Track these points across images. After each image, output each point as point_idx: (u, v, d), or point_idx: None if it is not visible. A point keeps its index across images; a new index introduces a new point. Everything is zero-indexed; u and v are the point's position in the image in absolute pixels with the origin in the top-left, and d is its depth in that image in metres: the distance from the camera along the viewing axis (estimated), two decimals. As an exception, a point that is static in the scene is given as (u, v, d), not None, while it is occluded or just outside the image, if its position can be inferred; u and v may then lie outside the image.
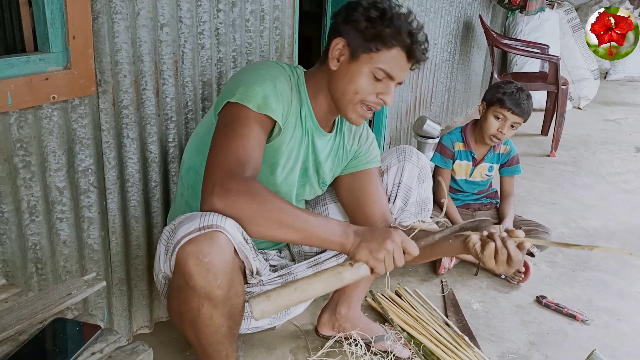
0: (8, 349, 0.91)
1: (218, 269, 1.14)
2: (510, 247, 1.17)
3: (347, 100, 1.34)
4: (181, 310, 1.21)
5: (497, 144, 2.38)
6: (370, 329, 1.79)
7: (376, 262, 1.15)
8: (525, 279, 2.24)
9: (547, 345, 1.87)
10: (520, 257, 1.19)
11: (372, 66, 1.30)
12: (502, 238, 1.19)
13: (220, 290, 1.16)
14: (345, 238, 1.17)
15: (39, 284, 1.41)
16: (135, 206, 1.61)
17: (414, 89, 3.62)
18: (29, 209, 1.35)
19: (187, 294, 1.17)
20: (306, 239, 1.17)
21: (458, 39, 4.31)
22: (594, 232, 2.79)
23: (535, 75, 4.54)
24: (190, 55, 1.64)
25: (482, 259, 1.20)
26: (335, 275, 1.16)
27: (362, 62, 1.30)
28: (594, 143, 4.40)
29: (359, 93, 1.32)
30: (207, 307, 1.18)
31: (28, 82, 1.26)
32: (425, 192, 1.68)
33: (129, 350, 0.94)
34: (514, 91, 2.27)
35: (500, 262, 1.18)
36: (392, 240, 1.16)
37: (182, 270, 1.13)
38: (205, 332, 1.23)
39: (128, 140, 1.54)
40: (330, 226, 1.18)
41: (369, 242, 1.15)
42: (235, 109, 1.25)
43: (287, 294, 1.14)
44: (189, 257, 1.12)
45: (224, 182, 1.14)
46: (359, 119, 1.37)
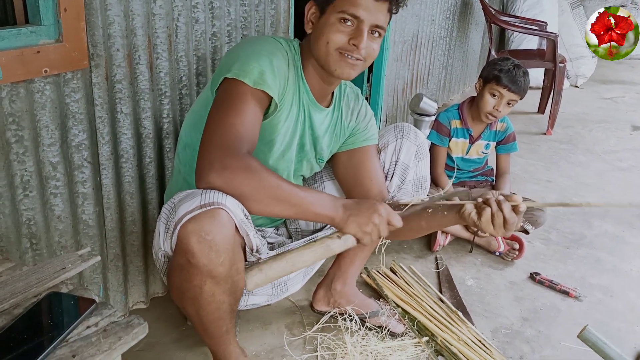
0: (3, 323, 0.92)
1: (220, 247, 1.14)
2: (505, 209, 1.21)
3: (323, 54, 1.29)
4: (183, 288, 1.21)
5: (493, 121, 2.37)
6: (365, 304, 1.80)
7: (363, 235, 1.23)
8: (520, 256, 2.25)
9: (540, 321, 1.89)
10: (515, 219, 1.22)
11: (336, 14, 1.26)
12: (497, 201, 1.22)
13: (222, 267, 1.16)
14: (335, 212, 1.23)
15: (34, 259, 1.41)
16: (129, 182, 1.60)
17: (411, 66, 3.59)
18: (22, 184, 1.34)
19: (189, 272, 1.17)
20: (300, 214, 1.21)
21: (456, 15, 4.27)
22: (588, 210, 2.79)
23: (533, 53, 4.51)
24: (184, 29, 1.62)
25: (480, 225, 1.24)
26: (324, 247, 1.24)
27: (328, 13, 1.28)
28: (590, 121, 4.40)
29: (329, 42, 1.27)
30: (209, 285, 1.19)
31: (19, 55, 1.24)
32: (422, 170, 1.67)
33: (124, 323, 0.94)
34: (511, 68, 2.25)
35: (498, 225, 1.22)
36: (379, 214, 1.23)
37: (184, 248, 1.13)
38: (207, 309, 1.24)
39: (122, 116, 1.52)
40: (322, 200, 1.23)
41: (357, 216, 1.22)
42: (231, 84, 1.23)
43: (279, 265, 1.20)
44: (191, 235, 1.11)
45: (222, 159, 1.13)
46: (344, 69, 1.30)
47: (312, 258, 1.24)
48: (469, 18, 4.60)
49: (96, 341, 0.89)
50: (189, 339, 1.68)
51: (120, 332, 0.92)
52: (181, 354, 1.62)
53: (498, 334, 1.81)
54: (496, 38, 5.45)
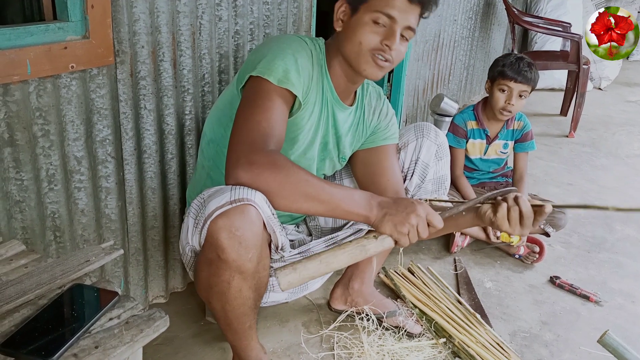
0: (28, 313, 0.93)
1: (250, 243, 1.14)
2: (521, 204, 1.18)
3: (354, 54, 1.30)
4: (210, 282, 1.22)
5: (509, 117, 2.35)
6: (382, 304, 1.80)
7: (400, 236, 1.17)
8: (540, 259, 2.23)
9: (559, 325, 1.87)
10: (531, 214, 1.18)
11: (370, 13, 1.26)
12: (514, 197, 1.20)
13: (250, 263, 1.17)
14: (369, 210, 1.18)
15: (57, 252, 1.43)
16: (152, 177, 1.62)
17: (432, 66, 3.57)
18: (47, 178, 1.36)
19: (218, 267, 1.18)
20: (331, 211, 1.17)
21: (478, 15, 4.23)
22: (610, 214, 2.76)
23: (557, 54, 4.45)
24: (207, 27, 1.63)
25: (496, 222, 1.21)
26: (360, 248, 1.18)
27: (362, 12, 1.28)
28: (613, 124, 4.33)
29: (362, 42, 1.28)
30: (237, 280, 1.20)
31: (47, 51, 1.26)
32: (442, 169, 1.67)
33: (146, 316, 0.95)
34: (513, 61, 2.26)
35: (514, 220, 1.19)
36: (417, 214, 1.16)
37: (214, 244, 1.14)
38: (233, 304, 1.25)
39: (145, 112, 1.54)
40: (355, 198, 1.18)
41: (393, 216, 1.16)
42: (257, 82, 1.24)
43: (313, 265, 1.16)
44: (221, 230, 1.12)
45: (248, 155, 1.14)
46: (373, 70, 1.30)
47: (347, 259, 1.18)
48: (491, 18, 4.56)
49: (118, 333, 0.91)
50: (207, 333, 1.69)
51: (142, 325, 0.93)
52: (199, 349, 1.63)
53: (516, 337, 1.80)
54: (519, 39, 5.39)
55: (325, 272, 1.19)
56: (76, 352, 0.86)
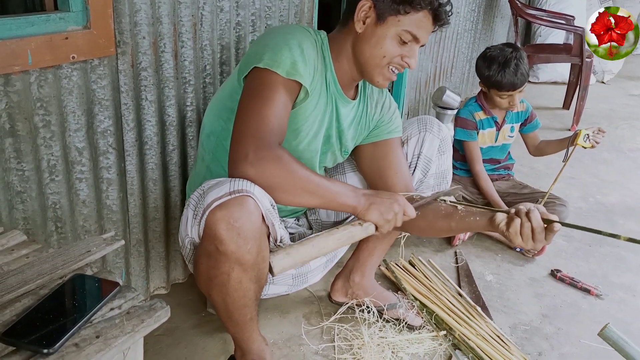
0: (29, 302, 0.93)
1: (248, 234, 1.15)
2: (533, 220, 1.18)
3: (374, 64, 1.33)
4: (210, 275, 1.22)
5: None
6: (383, 296, 1.80)
7: (385, 222, 1.27)
8: (541, 253, 2.23)
9: (560, 318, 1.87)
10: (542, 230, 1.18)
11: (399, 29, 1.29)
12: (526, 212, 1.19)
13: (250, 254, 1.17)
14: (357, 201, 1.27)
15: (59, 242, 1.44)
16: (153, 169, 1.62)
17: (434, 59, 3.56)
18: (49, 168, 1.36)
19: (217, 259, 1.18)
20: (326, 204, 1.26)
21: (481, 7, 4.21)
22: (612, 208, 2.76)
23: (560, 47, 4.43)
24: (209, 18, 1.62)
25: (509, 236, 1.22)
26: (346, 233, 1.29)
27: (389, 24, 1.29)
28: (616, 118, 4.31)
29: (386, 56, 1.32)
30: (237, 272, 1.20)
31: (48, 41, 1.26)
32: (444, 163, 1.66)
33: (147, 307, 0.95)
34: (502, 69, 2.22)
35: (526, 236, 1.19)
36: (399, 203, 1.29)
37: (213, 235, 1.14)
38: (234, 296, 1.25)
39: (146, 103, 1.54)
40: (346, 191, 1.27)
41: (379, 205, 1.27)
42: (264, 74, 1.24)
43: (305, 249, 1.23)
44: (219, 221, 1.12)
45: (256, 150, 1.15)
46: (385, 82, 1.38)
47: (335, 244, 1.28)
48: (494, 11, 4.53)
49: (119, 323, 0.91)
50: (208, 325, 1.70)
51: (143, 315, 0.93)
52: (200, 340, 1.64)
53: (517, 330, 1.80)
54: (522, 32, 5.37)
55: (317, 255, 1.27)
56: (77, 341, 0.86)
